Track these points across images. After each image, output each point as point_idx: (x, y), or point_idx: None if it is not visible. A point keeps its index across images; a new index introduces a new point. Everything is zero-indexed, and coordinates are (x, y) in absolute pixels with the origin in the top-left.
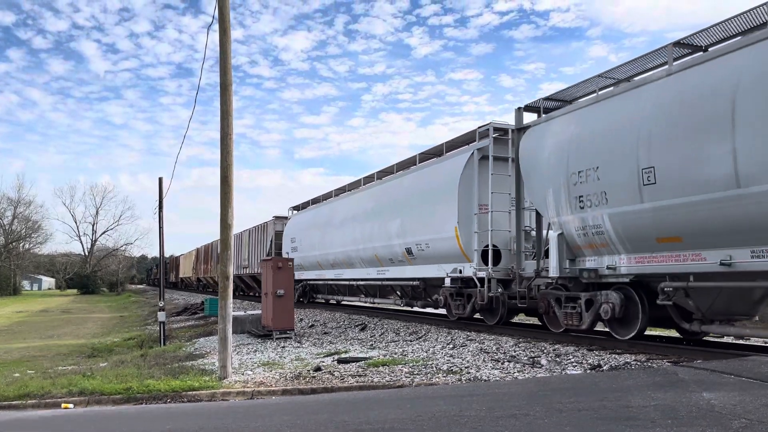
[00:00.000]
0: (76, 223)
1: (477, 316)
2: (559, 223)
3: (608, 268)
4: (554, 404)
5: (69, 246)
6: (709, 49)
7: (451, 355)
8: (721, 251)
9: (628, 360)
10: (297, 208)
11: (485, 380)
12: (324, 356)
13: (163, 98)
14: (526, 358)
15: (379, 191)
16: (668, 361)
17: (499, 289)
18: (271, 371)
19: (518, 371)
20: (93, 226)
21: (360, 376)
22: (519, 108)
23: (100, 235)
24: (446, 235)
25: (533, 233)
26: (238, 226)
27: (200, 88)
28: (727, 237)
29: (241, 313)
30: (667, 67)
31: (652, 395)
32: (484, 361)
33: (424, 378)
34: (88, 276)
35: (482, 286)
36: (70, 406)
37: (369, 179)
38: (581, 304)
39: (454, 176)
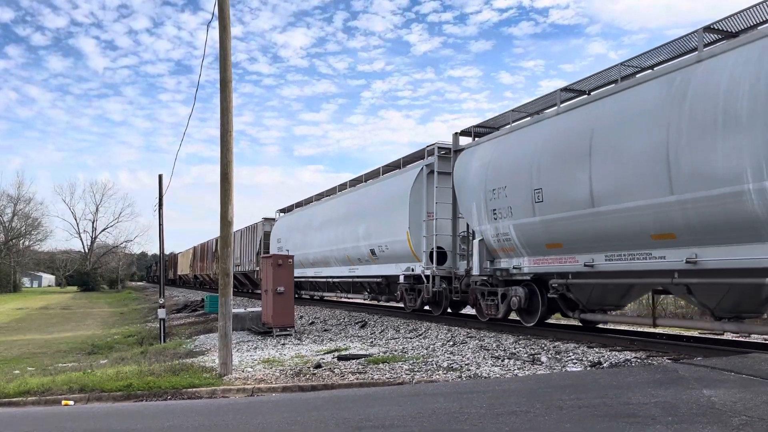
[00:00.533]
0: (76, 220)
1: (427, 307)
2: (480, 231)
3: (515, 268)
4: (554, 401)
5: (69, 243)
6: (575, 100)
7: (451, 353)
8: (587, 255)
9: (628, 357)
10: (284, 210)
11: (485, 377)
12: (324, 353)
13: (162, 95)
14: (526, 355)
15: (350, 198)
16: (668, 359)
17: (443, 285)
18: (271, 368)
19: (518, 368)
20: (93, 223)
21: (360, 373)
22: (456, 133)
23: (100, 233)
24: (400, 238)
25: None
26: (235, 224)
27: (199, 85)
28: (590, 244)
29: (242, 310)
30: (555, 108)
31: (653, 392)
32: (484, 358)
33: (424, 375)
34: (88, 273)
35: (428, 282)
36: (71, 402)
37: (343, 187)
38: (498, 297)
39: (406, 188)
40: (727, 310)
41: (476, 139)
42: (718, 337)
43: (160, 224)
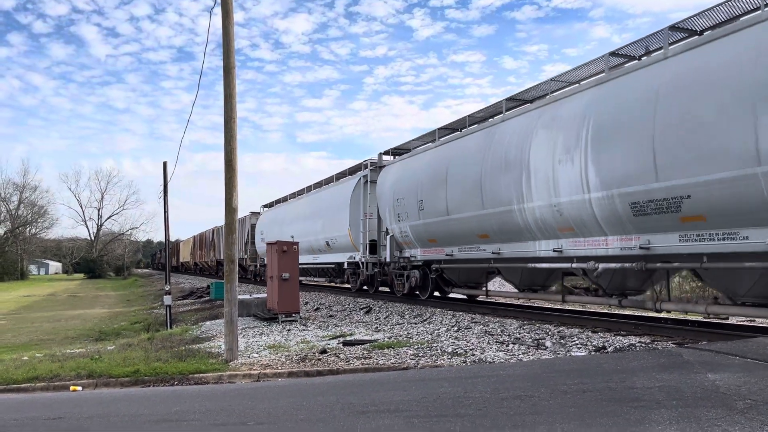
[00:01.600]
0: (81, 207)
1: (365, 287)
2: (390, 229)
3: (412, 257)
4: (559, 386)
5: (75, 231)
6: (442, 138)
7: (455, 338)
8: (449, 248)
9: (632, 342)
10: (267, 206)
11: (490, 362)
12: (329, 339)
13: (165, 82)
14: (530, 340)
15: (311, 199)
16: (673, 343)
17: (375, 269)
18: (277, 354)
19: (523, 353)
20: (98, 210)
21: (365, 358)
22: (380, 153)
23: (106, 220)
24: (343, 233)
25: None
26: (207, 224)
27: (202, 72)
28: (450, 240)
29: (247, 296)
30: (434, 142)
31: (657, 377)
32: (488, 343)
33: (429, 360)
34: (94, 260)
35: (364, 267)
36: (79, 388)
37: (310, 188)
38: (404, 278)
39: (347, 194)
40: (526, 284)
41: (393, 158)
42: (723, 321)
43: (165, 211)
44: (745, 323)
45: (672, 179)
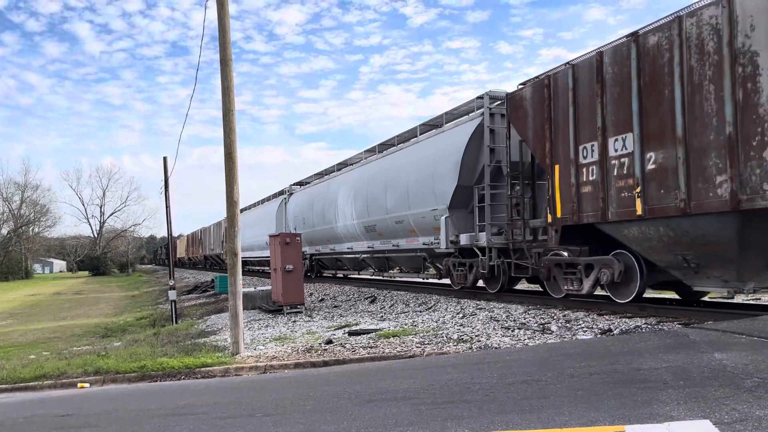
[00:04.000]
0: (83, 205)
1: None
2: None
3: (304, 251)
4: (565, 369)
5: (78, 228)
6: (315, 180)
7: (461, 324)
8: (319, 246)
9: (638, 324)
10: (243, 210)
11: (496, 348)
12: (335, 329)
13: (160, 77)
14: (536, 324)
15: (249, 214)
16: (679, 324)
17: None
18: (282, 345)
19: (528, 338)
20: (101, 208)
21: (371, 347)
22: (291, 184)
23: (108, 217)
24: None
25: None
26: (207, 219)
27: (198, 65)
28: (318, 242)
29: (251, 289)
30: (320, 178)
31: (664, 357)
32: (494, 329)
33: (434, 347)
34: (98, 257)
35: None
36: (87, 385)
37: (264, 201)
38: (304, 264)
39: (273, 211)
40: (349, 267)
41: (300, 187)
42: (728, 301)
43: (167, 207)
44: (751, 302)
45: (369, 217)
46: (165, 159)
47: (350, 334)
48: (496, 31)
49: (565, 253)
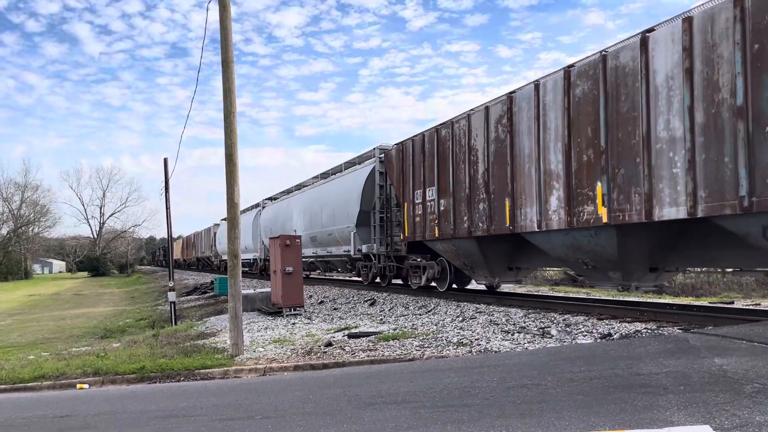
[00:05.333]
0: (83, 206)
1: None
2: (264, 241)
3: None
4: (565, 374)
5: (78, 229)
6: (283, 196)
7: (460, 328)
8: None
9: (638, 328)
10: (220, 222)
11: (496, 352)
12: (334, 332)
13: (160, 79)
14: (536, 328)
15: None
16: (679, 328)
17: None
18: (282, 348)
19: (528, 342)
20: (100, 208)
21: (371, 350)
22: (263, 199)
23: (108, 218)
24: (247, 245)
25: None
26: (207, 221)
27: (197, 66)
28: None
29: (251, 291)
30: (288, 194)
31: (664, 362)
32: (494, 332)
33: (434, 351)
34: (97, 258)
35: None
36: (86, 386)
37: (243, 211)
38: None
39: (249, 222)
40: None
41: (269, 201)
42: (728, 306)
43: (167, 208)
44: (750, 307)
45: (312, 229)
46: (165, 160)
47: (350, 336)
48: (496, 34)
49: (420, 259)
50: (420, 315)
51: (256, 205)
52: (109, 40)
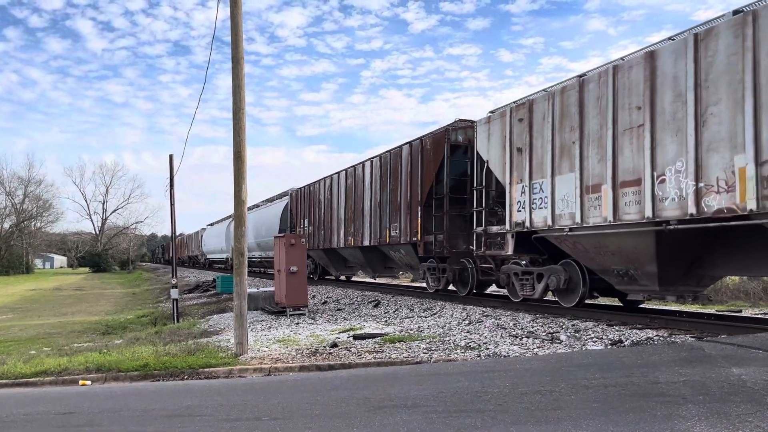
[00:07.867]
0: (86, 201)
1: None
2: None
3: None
4: (579, 380)
5: (80, 225)
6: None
7: (468, 331)
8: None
9: (650, 335)
10: (213, 223)
11: (505, 356)
12: (339, 332)
13: (162, 76)
14: (544, 333)
15: (217, 228)
16: (691, 336)
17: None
18: (286, 347)
19: (537, 347)
20: (103, 204)
21: (377, 352)
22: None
23: (111, 214)
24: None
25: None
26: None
27: (199, 65)
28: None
29: (254, 290)
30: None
31: (680, 371)
32: (501, 336)
33: (442, 354)
34: (99, 254)
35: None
36: (88, 382)
37: (223, 219)
38: None
39: (222, 230)
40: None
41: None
42: (736, 314)
43: (171, 204)
44: (760, 316)
45: (258, 239)
46: (171, 157)
47: (355, 337)
48: (497, 38)
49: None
50: (425, 317)
51: (228, 217)
52: (112, 37)
